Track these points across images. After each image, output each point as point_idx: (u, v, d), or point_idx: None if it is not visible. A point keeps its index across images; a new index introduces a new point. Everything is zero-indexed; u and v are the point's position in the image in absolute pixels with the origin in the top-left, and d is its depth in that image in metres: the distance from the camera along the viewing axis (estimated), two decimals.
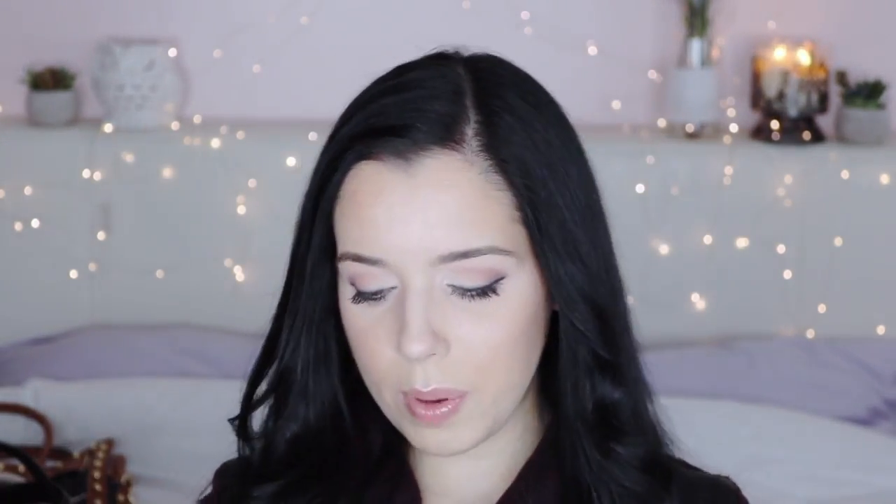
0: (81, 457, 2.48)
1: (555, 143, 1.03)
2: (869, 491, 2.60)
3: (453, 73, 1.03)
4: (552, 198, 1.01)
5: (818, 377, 2.91)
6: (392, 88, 1.03)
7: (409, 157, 0.99)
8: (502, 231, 1.00)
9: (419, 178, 0.99)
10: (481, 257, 0.99)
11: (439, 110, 1.00)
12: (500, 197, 1.00)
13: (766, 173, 3.09)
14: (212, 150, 3.16)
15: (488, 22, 3.19)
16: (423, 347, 0.99)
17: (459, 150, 0.99)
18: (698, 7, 3.11)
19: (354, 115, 1.03)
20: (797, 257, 3.10)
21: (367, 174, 1.01)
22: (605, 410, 1.05)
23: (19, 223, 3.17)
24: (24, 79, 3.20)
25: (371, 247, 1.00)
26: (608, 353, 1.04)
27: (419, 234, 0.99)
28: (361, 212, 1.00)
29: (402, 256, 0.99)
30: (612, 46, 3.19)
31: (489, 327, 1.00)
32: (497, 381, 1.02)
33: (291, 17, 3.26)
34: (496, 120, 1.01)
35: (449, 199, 0.99)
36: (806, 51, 3.13)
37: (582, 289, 1.02)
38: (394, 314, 1.00)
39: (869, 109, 3.09)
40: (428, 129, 0.99)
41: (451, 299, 1.00)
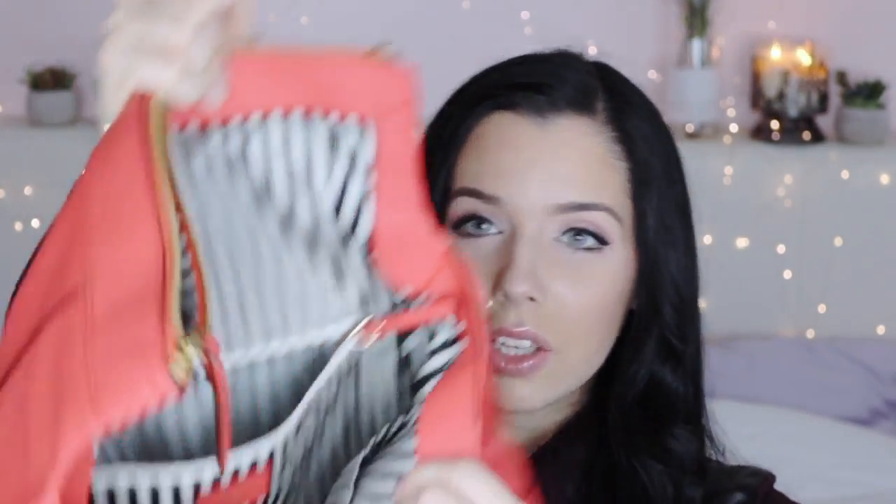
0: None
1: (669, 143, 1.12)
2: (869, 491, 2.60)
3: (582, 59, 1.12)
4: (662, 183, 1.09)
5: (818, 377, 2.91)
6: (527, 59, 1.11)
7: (544, 114, 1.05)
8: (616, 198, 1.06)
9: (551, 133, 1.05)
10: (595, 213, 1.04)
11: (576, 79, 1.08)
12: (618, 167, 1.06)
13: (766, 173, 3.09)
14: None
15: (488, 22, 3.19)
16: (526, 287, 1.02)
17: (591, 117, 1.07)
18: (698, 7, 3.11)
19: (491, 74, 1.10)
20: (797, 257, 3.10)
21: (500, 122, 1.06)
22: (655, 395, 1.08)
23: (19, 223, 3.17)
24: (24, 79, 3.21)
25: (492, 184, 1.04)
26: (679, 343, 1.09)
27: (543, 182, 1.04)
28: (488, 153, 1.05)
29: (522, 200, 1.03)
30: (612, 46, 3.17)
31: (586, 288, 1.04)
32: (580, 344, 1.05)
33: (291, 17, 3.26)
34: (624, 101, 1.09)
35: (575, 156, 1.05)
36: (806, 51, 3.13)
37: (672, 274, 1.08)
38: (496, 256, 1.03)
39: (869, 109, 3.09)
40: (565, 92, 1.07)
41: (556, 252, 1.04)
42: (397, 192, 0.78)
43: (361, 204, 0.79)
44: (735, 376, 2.89)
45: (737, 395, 2.83)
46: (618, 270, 1.06)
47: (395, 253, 0.78)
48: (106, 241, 0.71)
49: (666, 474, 1.07)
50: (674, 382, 1.09)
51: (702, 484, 1.08)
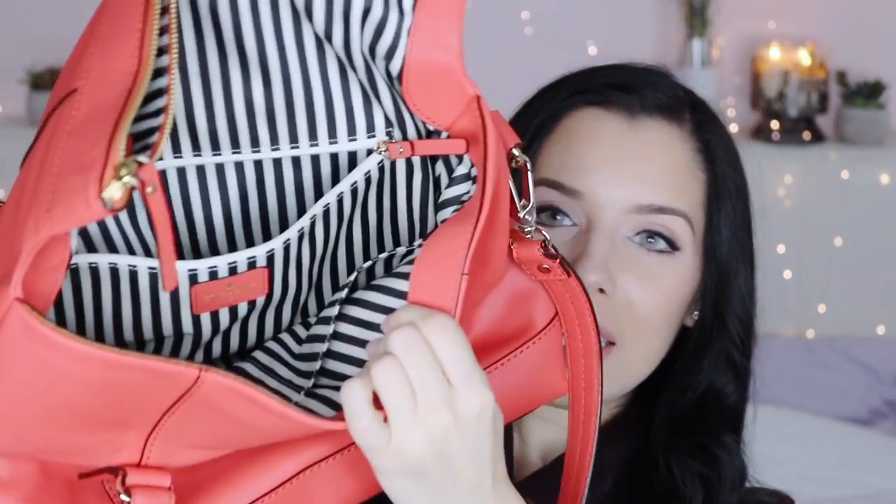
0: None
1: (740, 163, 1.13)
2: (869, 491, 2.60)
3: (673, 78, 1.14)
4: (735, 199, 1.09)
5: (818, 377, 2.91)
6: (624, 65, 1.13)
7: (635, 114, 1.07)
8: (692, 207, 1.06)
9: (639, 134, 1.06)
10: (673, 217, 1.04)
11: (668, 87, 1.10)
12: (699, 177, 1.07)
13: (766, 173, 3.09)
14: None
15: (488, 22, 3.19)
16: (598, 277, 1.02)
17: (678, 125, 1.08)
18: (698, 7, 3.12)
19: (585, 73, 1.12)
20: (797, 257, 3.10)
21: (590, 116, 1.07)
22: (710, 402, 1.08)
23: None
24: (24, 79, 3.21)
25: (574, 177, 1.04)
26: (742, 359, 1.09)
27: (625, 180, 1.04)
28: (574, 145, 1.06)
29: (602, 195, 1.03)
30: (612, 46, 3.19)
31: (654, 288, 1.04)
32: (642, 343, 1.05)
33: None
34: (707, 116, 1.11)
35: (660, 158, 1.05)
36: (806, 51, 3.13)
37: (741, 288, 1.08)
38: (569, 246, 1.04)
39: (869, 109, 3.10)
40: (657, 97, 1.08)
41: (629, 250, 1.04)
42: (434, 32, 0.80)
43: (397, 38, 0.80)
44: None
45: None
46: (685, 277, 1.06)
47: (425, 89, 0.80)
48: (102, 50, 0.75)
49: (701, 479, 1.07)
50: (731, 394, 1.09)
51: (736, 495, 1.08)
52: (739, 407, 1.10)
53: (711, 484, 1.07)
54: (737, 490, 1.09)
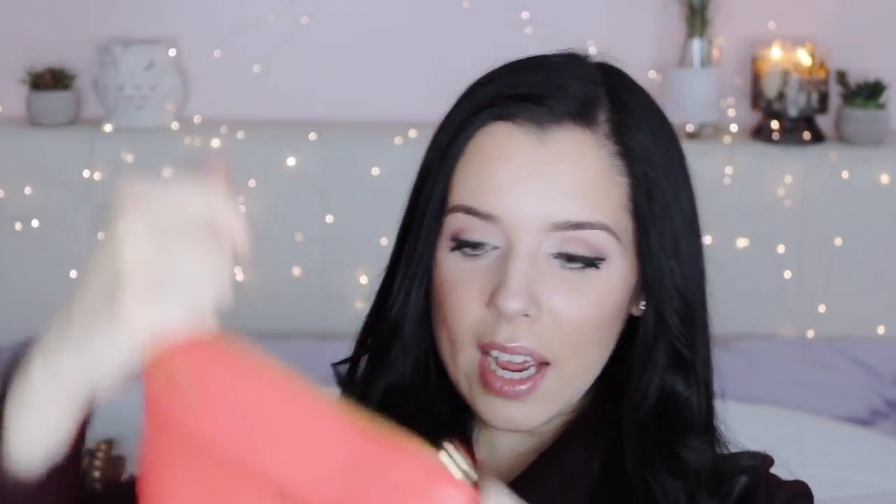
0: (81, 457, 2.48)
1: (673, 150, 1.09)
2: (869, 491, 2.60)
3: (585, 62, 1.09)
4: (666, 195, 1.06)
5: (818, 377, 2.91)
6: (531, 64, 1.08)
7: (543, 126, 1.03)
8: (615, 215, 1.03)
9: (549, 146, 1.03)
10: (592, 231, 1.02)
11: (578, 89, 1.05)
12: (619, 182, 1.04)
13: (766, 173, 3.09)
14: (212, 151, 3.15)
15: (488, 22, 3.19)
16: (519, 304, 1.01)
17: (592, 130, 1.04)
18: (698, 7, 3.11)
19: (492, 81, 1.07)
20: (797, 257, 3.10)
21: (498, 133, 1.04)
22: (668, 405, 1.07)
23: (19, 223, 3.17)
24: (24, 79, 3.21)
25: (488, 201, 1.02)
26: (689, 352, 1.07)
27: (539, 197, 1.02)
28: (485, 167, 1.03)
29: (517, 216, 1.02)
30: (612, 46, 3.18)
31: (582, 301, 1.03)
32: (577, 357, 1.04)
33: (291, 17, 3.26)
34: (627, 112, 1.06)
35: (574, 170, 1.02)
36: (806, 51, 3.13)
37: (677, 285, 1.06)
38: (492, 271, 1.02)
39: (869, 109, 3.09)
40: (566, 104, 1.04)
41: (552, 268, 1.03)
42: None
43: None
44: (735, 376, 2.88)
45: (737, 395, 2.83)
46: (615, 283, 1.04)
47: None
48: None
49: (680, 487, 1.06)
50: (686, 392, 1.08)
51: (716, 492, 1.07)
52: (701, 405, 1.09)
53: (691, 491, 1.06)
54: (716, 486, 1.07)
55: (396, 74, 3.19)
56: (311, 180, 3.09)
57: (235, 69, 3.28)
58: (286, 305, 3.15)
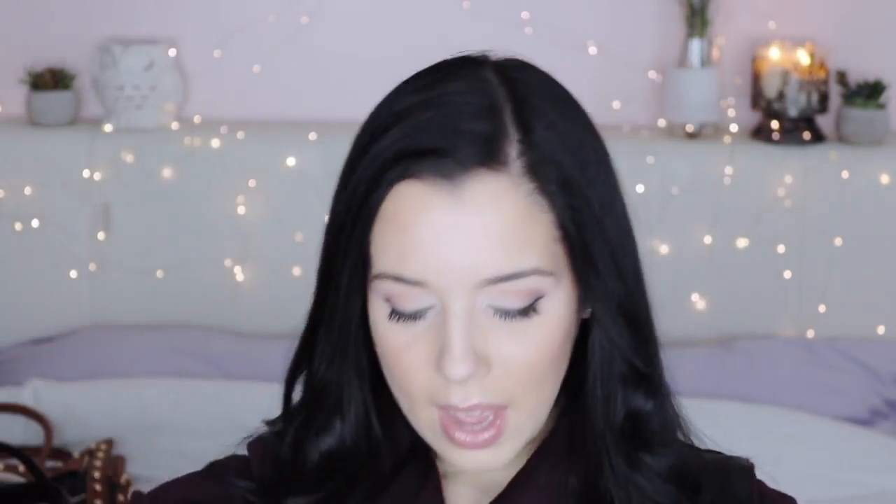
0: (81, 457, 2.48)
1: (590, 152, 1.03)
2: (869, 491, 2.60)
3: (487, 83, 1.02)
4: (594, 214, 1.01)
5: (818, 377, 2.91)
6: (427, 103, 1.01)
7: (453, 179, 0.98)
8: (545, 252, 0.99)
9: (465, 200, 0.98)
10: (524, 279, 0.99)
11: (480, 130, 0.99)
12: (543, 218, 0.99)
13: (766, 173, 3.09)
14: (212, 150, 3.16)
15: (488, 22, 3.19)
16: (466, 370, 0.98)
17: (504, 172, 0.98)
18: (698, 7, 3.11)
19: (389, 128, 1.01)
20: (797, 257, 3.10)
21: (409, 194, 0.99)
22: (635, 421, 1.06)
23: (19, 223, 3.17)
24: (24, 79, 3.21)
25: (413, 268, 0.99)
26: (645, 366, 1.05)
27: (464, 257, 0.98)
28: (404, 233, 0.99)
29: (446, 279, 0.98)
30: (612, 46, 3.19)
31: (529, 346, 1.00)
32: (534, 395, 1.02)
33: (291, 17, 3.26)
34: (536, 137, 1.00)
35: (495, 221, 0.98)
36: (806, 51, 3.13)
37: (622, 304, 1.03)
38: (433, 333, 1.00)
39: (869, 109, 3.09)
40: (472, 150, 0.98)
41: (492, 320, 1.00)
42: None
43: None
44: (735, 376, 2.89)
45: (737, 395, 2.83)
46: (558, 316, 1.01)
47: None
48: None
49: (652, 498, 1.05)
50: (648, 405, 1.06)
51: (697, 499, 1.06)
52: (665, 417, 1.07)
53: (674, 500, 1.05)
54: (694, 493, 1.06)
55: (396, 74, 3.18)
56: (311, 180, 3.09)
57: (235, 69, 3.28)
58: (286, 305, 3.15)
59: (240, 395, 2.75)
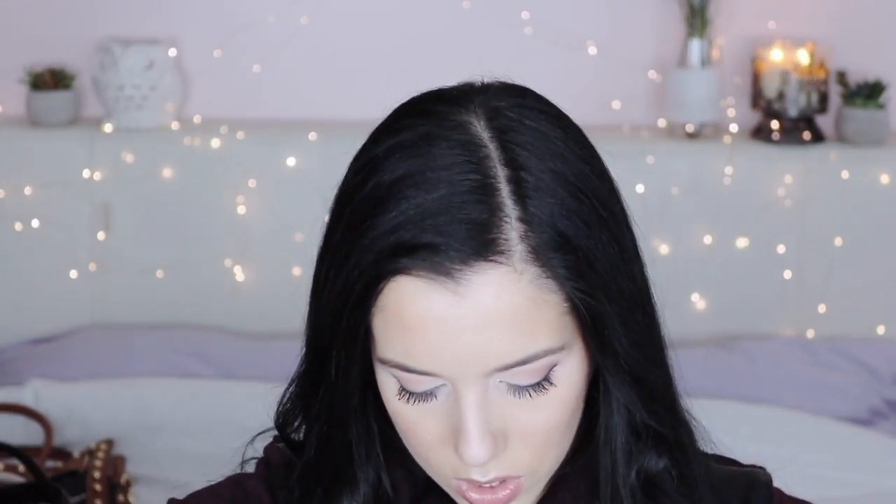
0: (81, 457, 2.48)
1: (592, 196, 0.98)
2: (869, 491, 2.60)
3: (478, 148, 0.96)
4: (603, 280, 0.97)
5: (818, 377, 2.91)
6: (418, 183, 0.95)
7: (453, 275, 0.93)
8: (554, 330, 0.96)
9: (468, 298, 0.94)
10: (535, 363, 0.96)
11: (476, 217, 0.94)
12: (550, 299, 0.95)
13: (766, 173, 3.09)
14: (212, 150, 3.16)
15: (488, 22, 3.19)
16: (486, 454, 0.97)
17: (506, 262, 0.94)
18: (698, 7, 3.11)
19: (382, 209, 0.96)
20: (797, 257, 3.10)
21: (408, 290, 0.95)
22: (648, 479, 1.05)
23: (19, 223, 3.17)
24: (24, 79, 3.21)
25: (421, 361, 0.96)
26: (658, 425, 1.03)
27: (472, 349, 0.95)
28: (407, 328, 0.96)
29: (456, 372, 0.96)
30: (612, 46, 3.19)
31: (545, 415, 0.98)
32: (551, 459, 1.02)
33: (291, 17, 3.26)
34: (535, 209, 0.95)
35: (500, 312, 0.94)
36: (806, 51, 3.13)
37: (634, 370, 1.01)
38: (448, 412, 0.98)
39: (869, 109, 3.10)
40: (469, 244, 0.93)
41: (506, 397, 0.98)
42: None
43: None
44: (735, 376, 2.89)
45: (737, 395, 2.83)
46: (573, 377, 0.99)
47: None
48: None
49: None
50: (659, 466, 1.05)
51: None
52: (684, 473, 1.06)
53: None
54: None
55: (396, 74, 3.19)
56: (311, 180, 3.09)
57: (235, 69, 3.28)
58: (286, 305, 3.15)
59: (240, 395, 2.75)
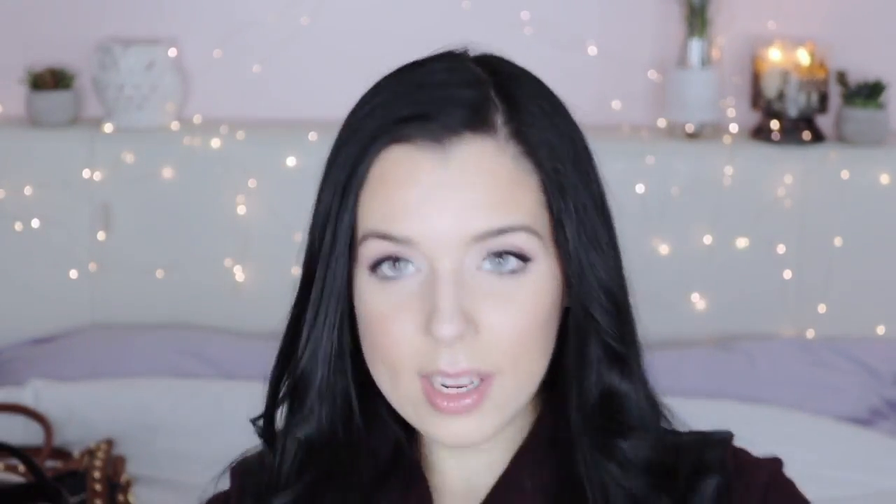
0: (81, 457, 2.48)
1: (576, 139, 1.06)
2: (869, 491, 2.60)
3: (468, 64, 1.06)
4: (577, 186, 1.03)
5: (818, 377, 2.91)
6: (414, 80, 1.05)
7: (442, 142, 1.01)
8: (532, 213, 1.02)
9: (453, 162, 1.00)
10: (513, 234, 1.01)
11: (468, 97, 1.02)
12: (529, 182, 1.02)
13: (766, 173, 3.09)
14: (212, 150, 3.16)
15: (488, 22, 3.19)
16: (456, 329, 0.99)
17: (491, 136, 1.01)
18: (698, 7, 3.11)
19: (378, 105, 1.04)
20: (797, 257, 3.10)
21: (398, 157, 1.02)
22: (610, 404, 1.06)
23: (19, 223, 3.17)
24: (24, 79, 3.21)
25: (401, 226, 1.00)
26: (621, 346, 1.05)
27: (453, 215, 1.00)
28: (392, 192, 1.01)
29: (434, 237, 1.00)
30: (612, 46, 3.19)
31: (516, 311, 1.01)
32: (520, 366, 1.02)
33: (291, 17, 3.26)
34: (521, 109, 1.03)
35: (482, 181, 1.00)
36: (806, 51, 3.13)
37: (600, 278, 1.04)
38: (419, 297, 1.01)
39: (869, 109, 3.10)
40: (460, 115, 1.01)
41: (480, 281, 1.01)
42: None
43: None
44: (735, 376, 2.89)
45: (737, 395, 2.83)
46: (545, 284, 1.03)
47: None
48: None
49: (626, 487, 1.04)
50: (624, 387, 1.06)
51: (670, 491, 1.05)
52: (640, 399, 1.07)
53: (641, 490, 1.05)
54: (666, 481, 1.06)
55: None
56: (311, 180, 3.08)
57: (235, 69, 3.28)
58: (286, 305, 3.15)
59: (240, 395, 2.75)
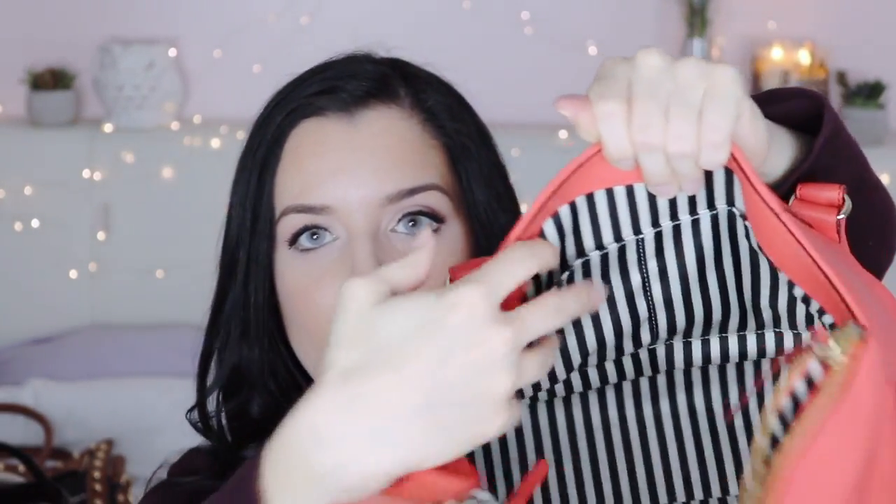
0: (81, 457, 2.48)
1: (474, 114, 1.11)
2: None
3: (370, 57, 1.12)
4: (481, 151, 1.09)
5: None
6: (320, 68, 1.11)
7: (350, 111, 1.05)
8: (441, 175, 1.05)
9: (362, 128, 1.05)
10: (425, 194, 1.04)
11: (372, 71, 1.08)
12: (435, 145, 1.06)
13: None
14: (212, 150, 3.16)
15: (488, 22, 3.19)
16: None
17: (397, 104, 1.07)
18: (698, 7, 3.12)
19: (288, 91, 1.10)
20: None
21: (309, 129, 1.05)
22: None
23: (19, 223, 3.17)
24: (24, 79, 3.21)
25: (316, 195, 1.03)
26: None
27: (365, 178, 1.03)
28: (306, 163, 1.04)
29: (350, 202, 1.02)
30: (612, 46, 3.19)
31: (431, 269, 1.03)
32: None
33: (291, 17, 3.26)
34: (421, 83, 1.09)
35: (392, 145, 1.04)
36: (806, 51, 3.13)
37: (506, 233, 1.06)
38: (340, 262, 1.02)
39: (869, 109, 3.10)
40: (366, 86, 1.06)
41: (395, 243, 1.03)
42: None
43: None
44: None
45: None
46: (458, 244, 1.05)
47: None
48: None
49: None
50: None
51: None
52: None
53: None
54: None
55: None
56: None
57: (235, 69, 3.28)
58: None
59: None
